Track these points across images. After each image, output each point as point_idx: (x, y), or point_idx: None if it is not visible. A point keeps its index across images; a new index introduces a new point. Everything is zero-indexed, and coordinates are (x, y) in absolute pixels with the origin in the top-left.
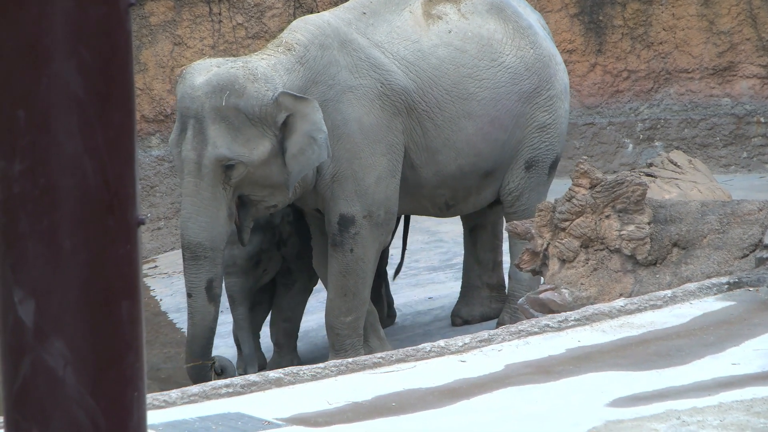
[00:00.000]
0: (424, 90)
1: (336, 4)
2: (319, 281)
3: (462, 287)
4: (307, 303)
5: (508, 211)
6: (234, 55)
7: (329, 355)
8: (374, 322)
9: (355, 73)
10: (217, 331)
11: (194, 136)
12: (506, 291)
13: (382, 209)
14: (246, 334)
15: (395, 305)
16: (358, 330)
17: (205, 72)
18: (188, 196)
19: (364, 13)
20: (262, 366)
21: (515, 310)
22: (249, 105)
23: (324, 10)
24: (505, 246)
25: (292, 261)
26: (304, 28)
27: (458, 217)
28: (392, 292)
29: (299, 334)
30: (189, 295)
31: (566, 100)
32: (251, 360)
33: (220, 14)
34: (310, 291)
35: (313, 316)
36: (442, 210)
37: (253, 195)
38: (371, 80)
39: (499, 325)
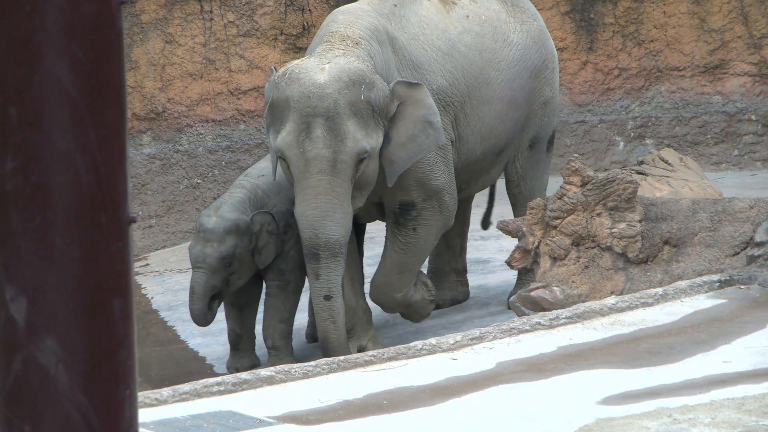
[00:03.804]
0: (458, 80)
1: (328, 3)
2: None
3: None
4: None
5: (514, 191)
6: (226, 54)
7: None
8: (368, 320)
9: (402, 72)
10: (209, 329)
11: (327, 134)
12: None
13: (443, 193)
14: (197, 321)
15: None
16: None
17: (318, 70)
18: (322, 194)
19: (395, 6)
20: (256, 367)
21: None
22: (377, 97)
23: (315, 8)
24: (495, 243)
25: (276, 258)
26: (356, 22)
27: None
28: None
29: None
30: (328, 297)
31: (558, 71)
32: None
33: (211, 12)
34: (301, 291)
35: (303, 314)
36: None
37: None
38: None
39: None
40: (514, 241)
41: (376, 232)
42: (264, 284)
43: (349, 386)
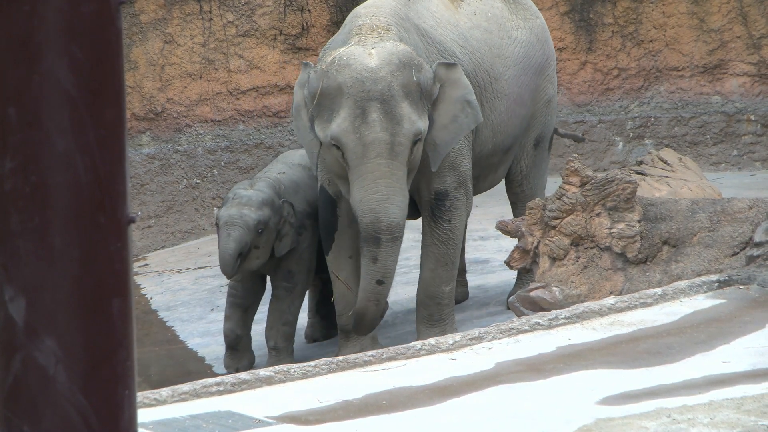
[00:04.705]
0: (476, 70)
1: (328, 3)
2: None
3: None
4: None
5: (516, 191)
6: (225, 54)
7: (421, 329)
8: None
9: (430, 56)
10: (208, 329)
11: (384, 117)
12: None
13: (469, 181)
14: (227, 264)
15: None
16: (453, 300)
17: (367, 55)
18: (382, 178)
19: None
20: (252, 365)
21: None
22: (425, 79)
23: (314, 8)
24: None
25: (287, 259)
26: (380, 12)
27: None
28: None
29: None
30: (380, 282)
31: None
32: (229, 274)
33: (210, 12)
34: (305, 293)
35: (303, 314)
36: None
37: None
38: None
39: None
40: (513, 242)
41: None
42: (268, 286)
43: (349, 386)
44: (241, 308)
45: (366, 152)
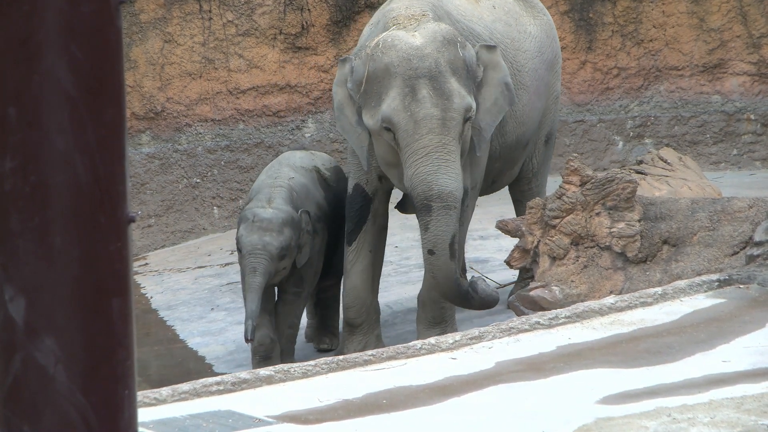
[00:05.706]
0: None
1: (327, 3)
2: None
3: None
4: None
5: (524, 188)
6: (225, 53)
7: (421, 329)
8: (376, 320)
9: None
10: (208, 329)
11: (433, 93)
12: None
13: (481, 182)
14: (254, 296)
15: (386, 302)
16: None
17: (411, 36)
18: (433, 152)
19: None
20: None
21: None
22: (470, 56)
23: (314, 7)
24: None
25: (302, 269)
26: (413, 4)
27: None
28: (384, 289)
29: None
30: (431, 252)
31: None
32: (253, 316)
33: (210, 11)
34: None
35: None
36: (486, 187)
37: None
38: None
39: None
40: (514, 241)
41: None
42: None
43: (349, 385)
44: (267, 312)
45: (418, 129)
